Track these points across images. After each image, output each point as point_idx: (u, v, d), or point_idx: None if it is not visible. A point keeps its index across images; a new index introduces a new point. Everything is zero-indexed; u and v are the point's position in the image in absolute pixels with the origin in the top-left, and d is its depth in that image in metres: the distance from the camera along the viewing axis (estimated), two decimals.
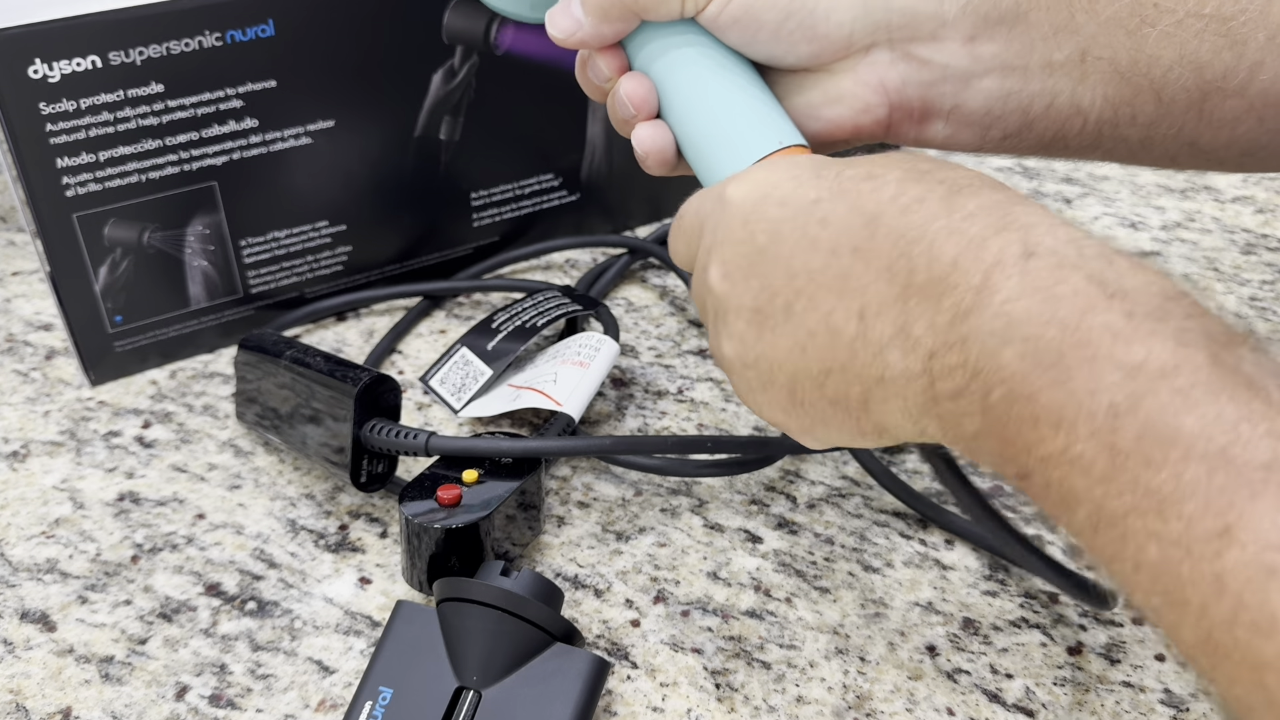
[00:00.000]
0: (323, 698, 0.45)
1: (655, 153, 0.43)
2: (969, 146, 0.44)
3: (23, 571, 0.51)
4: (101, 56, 0.53)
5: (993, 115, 0.42)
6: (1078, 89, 0.42)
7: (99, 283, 0.58)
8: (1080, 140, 0.43)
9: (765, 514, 0.53)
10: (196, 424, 0.59)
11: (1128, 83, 0.41)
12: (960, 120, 0.43)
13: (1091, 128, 0.43)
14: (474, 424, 0.59)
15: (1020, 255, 0.30)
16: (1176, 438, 0.26)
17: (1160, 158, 0.45)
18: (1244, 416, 0.26)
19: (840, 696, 0.45)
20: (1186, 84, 0.41)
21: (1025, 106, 0.42)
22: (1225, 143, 0.43)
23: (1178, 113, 0.42)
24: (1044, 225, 0.31)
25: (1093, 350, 0.28)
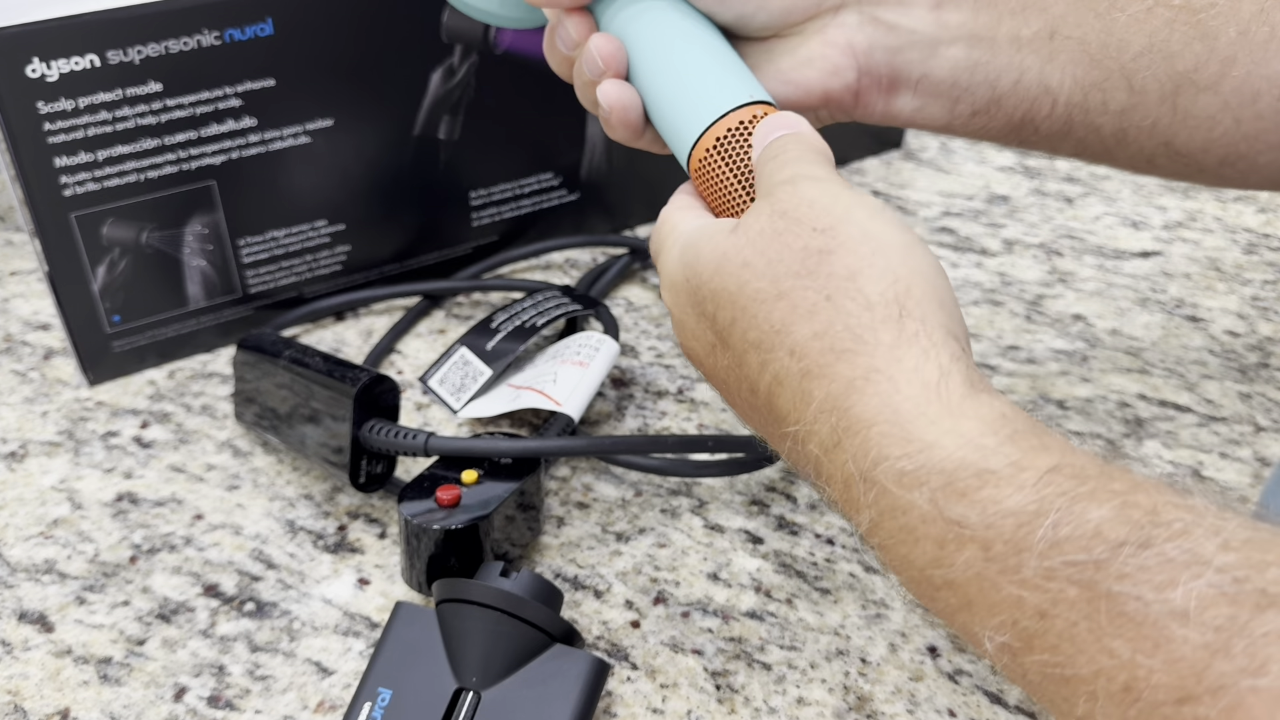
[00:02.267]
0: (321, 699, 0.45)
1: (619, 110, 0.41)
2: (938, 121, 0.43)
3: (21, 572, 0.50)
4: (100, 55, 0.53)
5: (960, 86, 0.42)
6: (1046, 67, 0.41)
7: (97, 282, 0.58)
8: (1050, 124, 0.43)
9: (766, 515, 0.53)
10: (195, 424, 0.59)
11: (1097, 65, 0.41)
12: (928, 91, 0.42)
13: (1061, 110, 0.42)
14: (473, 424, 0.59)
15: (861, 469, 0.30)
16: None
17: (1136, 156, 0.44)
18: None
19: (841, 698, 0.45)
20: (1158, 73, 0.41)
21: (993, 80, 0.42)
22: (1202, 145, 0.43)
23: (1150, 104, 0.42)
24: (881, 423, 0.30)
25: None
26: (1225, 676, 0.23)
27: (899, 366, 0.29)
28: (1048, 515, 0.26)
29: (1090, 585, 0.25)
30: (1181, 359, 0.63)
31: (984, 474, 0.27)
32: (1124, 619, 0.24)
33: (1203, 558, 0.24)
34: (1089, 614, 0.25)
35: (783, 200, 0.33)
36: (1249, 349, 0.64)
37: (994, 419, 0.28)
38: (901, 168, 0.82)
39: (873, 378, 0.29)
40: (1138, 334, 0.65)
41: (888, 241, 0.32)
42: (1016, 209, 0.77)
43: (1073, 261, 0.71)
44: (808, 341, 0.31)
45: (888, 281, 0.31)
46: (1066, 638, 0.25)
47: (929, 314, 0.30)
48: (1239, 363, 0.63)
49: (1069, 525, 0.26)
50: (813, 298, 0.31)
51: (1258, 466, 0.56)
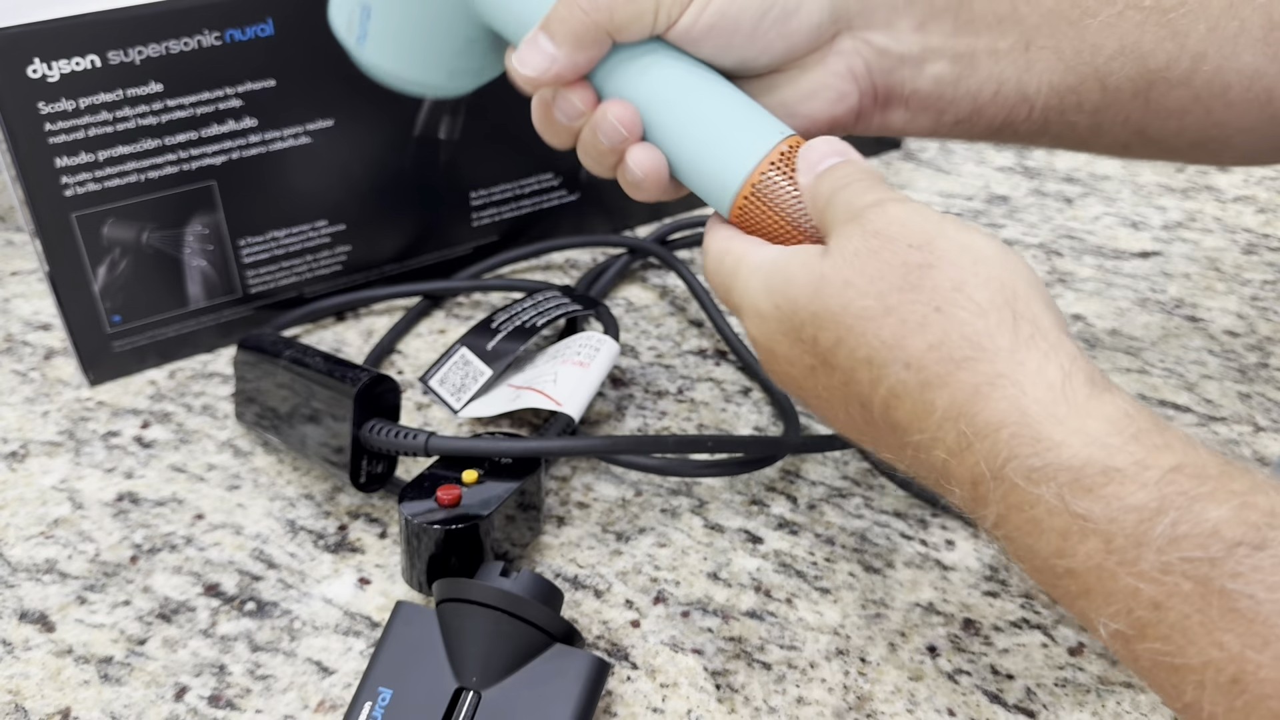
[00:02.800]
0: (322, 698, 0.45)
1: (653, 173, 0.41)
2: (925, 131, 0.45)
3: (21, 572, 0.50)
4: (100, 56, 0.53)
5: (945, 100, 0.43)
6: (1023, 76, 0.43)
7: (98, 282, 0.58)
8: (1028, 126, 0.44)
9: (766, 514, 0.53)
10: (195, 424, 0.59)
11: (1072, 71, 0.42)
12: (917, 105, 0.44)
13: (1038, 114, 0.44)
14: (474, 424, 0.59)
15: (991, 470, 0.31)
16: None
17: (1111, 145, 0.46)
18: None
19: (841, 697, 0.45)
20: (1130, 73, 0.42)
21: (974, 92, 0.43)
22: (1175, 132, 0.44)
23: (1124, 101, 0.43)
24: (1008, 428, 0.30)
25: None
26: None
27: (1022, 370, 0.30)
28: (1168, 513, 0.27)
29: (1205, 581, 0.26)
30: (1181, 359, 0.63)
31: (1109, 471, 0.28)
32: (1235, 615, 0.26)
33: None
34: (1202, 608, 0.26)
35: (873, 220, 0.33)
36: (1248, 349, 0.64)
37: (1119, 417, 0.29)
38: (901, 168, 0.82)
39: (998, 383, 0.30)
40: (1137, 334, 0.65)
41: (985, 250, 0.32)
42: (1016, 209, 0.77)
43: (1072, 262, 0.71)
44: (924, 353, 0.31)
45: (994, 288, 0.31)
46: (1179, 629, 0.27)
47: (1039, 315, 0.31)
48: (1238, 363, 0.63)
49: (1188, 523, 0.27)
50: (922, 310, 0.31)
51: (1257, 466, 0.56)
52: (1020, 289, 0.31)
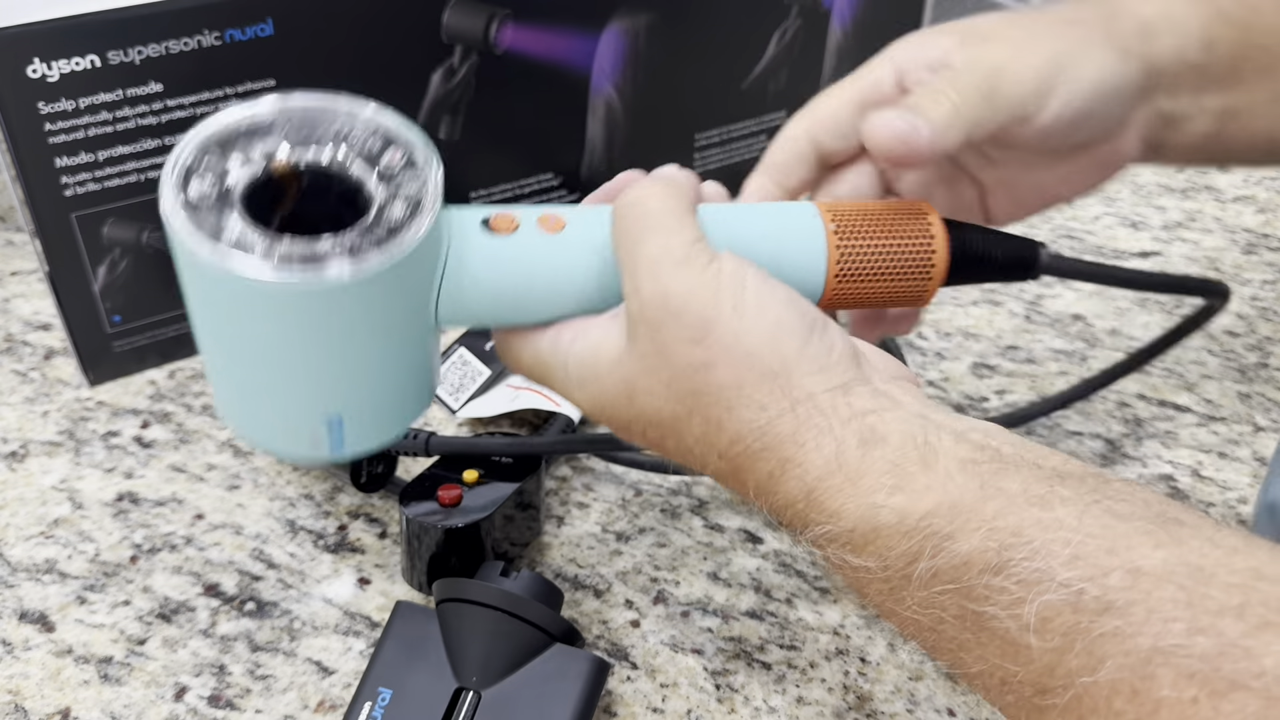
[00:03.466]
0: (322, 698, 0.45)
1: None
2: (1153, 163, 0.48)
3: (21, 572, 0.50)
4: (100, 56, 0.53)
5: (1201, 150, 0.46)
6: (1274, 125, 0.45)
7: (98, 282, 0.58)
8: (1268, 160, 0.48)
9: (765, 514, 0.53)
10: (195, 424, 0.59)
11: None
12: (1174, 155, 0.47)
13: (1262, 148, 0.47)
14: (474, 424, 0.59)
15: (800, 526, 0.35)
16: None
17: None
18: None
19: (841, 697, 0.45)
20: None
21: (1227, 142, 0.46)
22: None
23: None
24: (797, 490, 0.34)
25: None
26: (1070, 673, 0.28)
27: (802, 450, 0.33)
28: (924, 556, 0.31)
29: (961, 609, 0.30)
30: (1181, 359, 0.63)
31: (876, 529, 0.32)
32: (988, 633, 0.30)
33: (1050, 574, 0.29)
34: (963, 629, 0.30)
35: (652, 312, 0.35)
36: (1248, 349, 0.64)
37: (885, 470, 0.32)
38: None
39: (786, 467, 0.34)
40: (1137, 334, 0.65)
41: (755, 339, 0.34)
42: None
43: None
44: (727, 448, 0.35)
45: (769, 383, 0.34)
46: (954, 646, 0.31)
47: (814, 389, 0.34)
48: (1238, 363, 0.63)
49: (942, 560, 0.31)
50: (717, 412, 0.35)
51: (1256, 466, 0.56)
52: (794, 373, 0.34)
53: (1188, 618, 0.26)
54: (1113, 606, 0.27)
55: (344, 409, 0.36)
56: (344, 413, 0.36)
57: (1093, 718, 0.27)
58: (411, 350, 0.37)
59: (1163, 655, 0.26)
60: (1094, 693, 0.27)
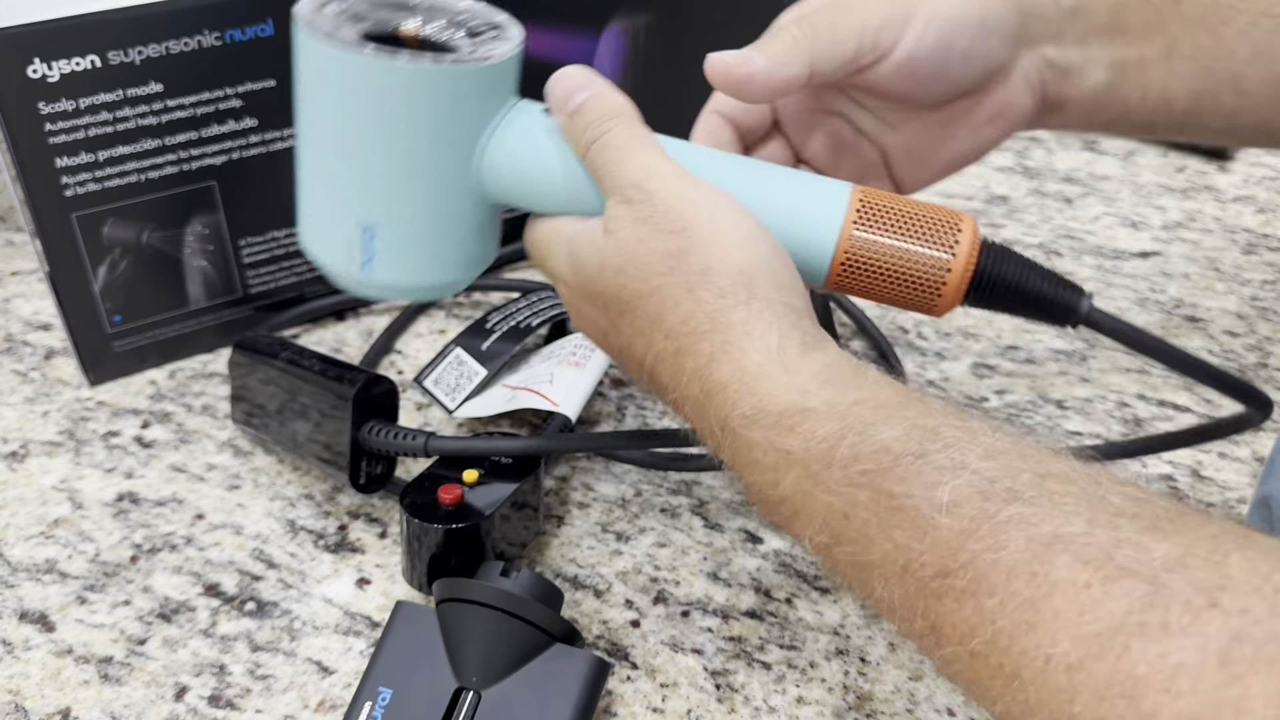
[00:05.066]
0: (322, 698, 0.45)
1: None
2: (1075, 129, 0.49)
3: (22, 572, 0.50)
4: (101, 56, 0.53)
5: (1098, 106, 0.47)
6: (1167, 82, 0.46)
7: (98, 282, 0.58)
8: (1168, 125, 0.48)
9: None
10: (195, 424, 0.59)
11: (1210, 75, 0.46)
12: (1074, 111, 0.47)
13: (1178, 117, 0.47)
14: (473, 424, 0.59)
15: (718, 426, 0.37)
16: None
17: (1242, 141, 0.52)
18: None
19: (841, 697, 0.45)
20: (1263, 76, 0.46)
21: (1124, 98, 0.46)
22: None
23: (1257, 103, 0.47)
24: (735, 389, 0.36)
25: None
26: (973, 554, 0.29)
27: (748, 339, 0.36)
28: (848, 437, 0.33)
29: (877, 489, 0.32)
30: None
31: (804, 411, 0.34)
32: (900, 514, 0.31)
33: (965, 464, 0.31)
34: (876, 512, 0.32)
35: (639, 207, 0.38)
36: (1248, 349, 0.64)
37: (820, 370, 0.35)
38: None
39: (727, 349, 0.36)
40: None
41: (731, 238, 0.37)
42: (1016, 209, 0.77)
43: (1072, 262, 0.71)
44: (676, 326, 0.37)
45: (734, 273, 0.36)
46: (862, 532, 0.32)
47: (771, 295, 0.36)
48: (1238, 363, 0.63)
49: (865, 444, 0.32)
50: (677, 292, 0.37)
51: (1256, 466, 0.56)
52: (758, 272, 0.37)
53: (1088, 515, 0.29)
54: (1020, 497, 0.29)
55: (380, 218, 0.40)
56: (379, 223, 0.40)
57: (989, 599, 0.29)
58: (453, 192, 0.41)
59: (1062, 543, 0.28)
60: (993, 574, 0.29)
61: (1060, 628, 0.27)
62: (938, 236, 0.39)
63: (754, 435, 0.35)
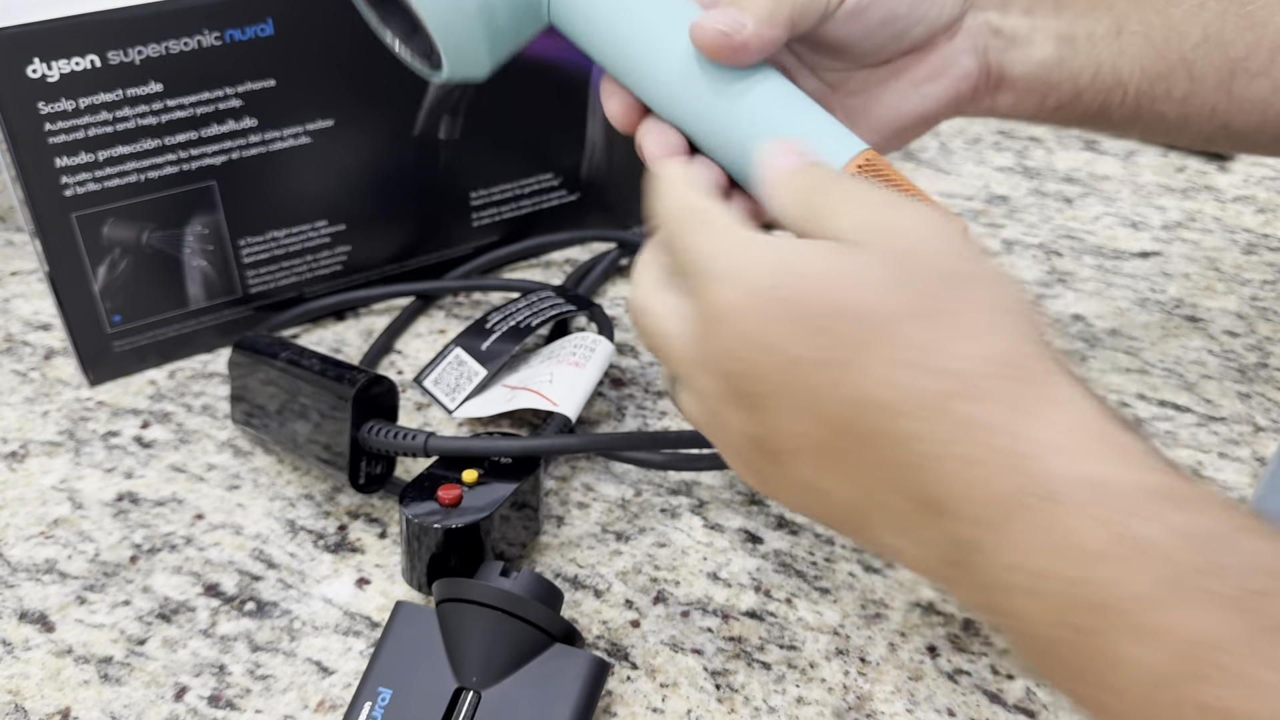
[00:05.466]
0: (322, 698, 0.45)
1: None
2: (1028, 114, 0.48)
3: (21, 572, 0.50)
4: (100, 56, 0.53)
5: (1049, 83, 0.46)
6: (1117, 61, 0.46)
7: (98, 282, 0.58)
8: (1122, 112, 0.47)
9: (765, 514, 0.53)
10: (195, 424, 0.59)
11: (1161, 58, 0.46)
12: (1024, 88, 0.46)
13: (1131, 100, 0.46)
14: (473, 424, 0.59)
15: (1030, 496, 0.29)
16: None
17: (1197, 137, 0.49)
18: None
19: (841, 697, 0.45)
20: (1214, 61, 0.45)
21: (1075, 74, 0.46)
22: (1258, 125, 0.48)
23: (1209, 90, 0.46)
24: (1064, 456, 0.29)
25: (1112, 620, 0.28)
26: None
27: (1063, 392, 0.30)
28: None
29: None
30: (1180, 359, 0.63)
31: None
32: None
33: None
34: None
35: (912, 229, 0.32)
36: (1248, 349, 0.64)
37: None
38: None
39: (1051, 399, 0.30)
40: (1137, 334, 0.65)
41: (1011, 288, 0.32)
42: (1016, 209, 0.77)
43: (1072, 262, 0.71)
44: (979, 361, 0.30)
45: (1036, 326, 0.31)
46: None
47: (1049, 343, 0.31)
48: (1238, 363, 0.63)
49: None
50: (980, 318, 0.31)
51: (1256, 466, 0.56)
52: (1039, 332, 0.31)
53: None
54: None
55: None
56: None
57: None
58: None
59: None
60: None
61: None
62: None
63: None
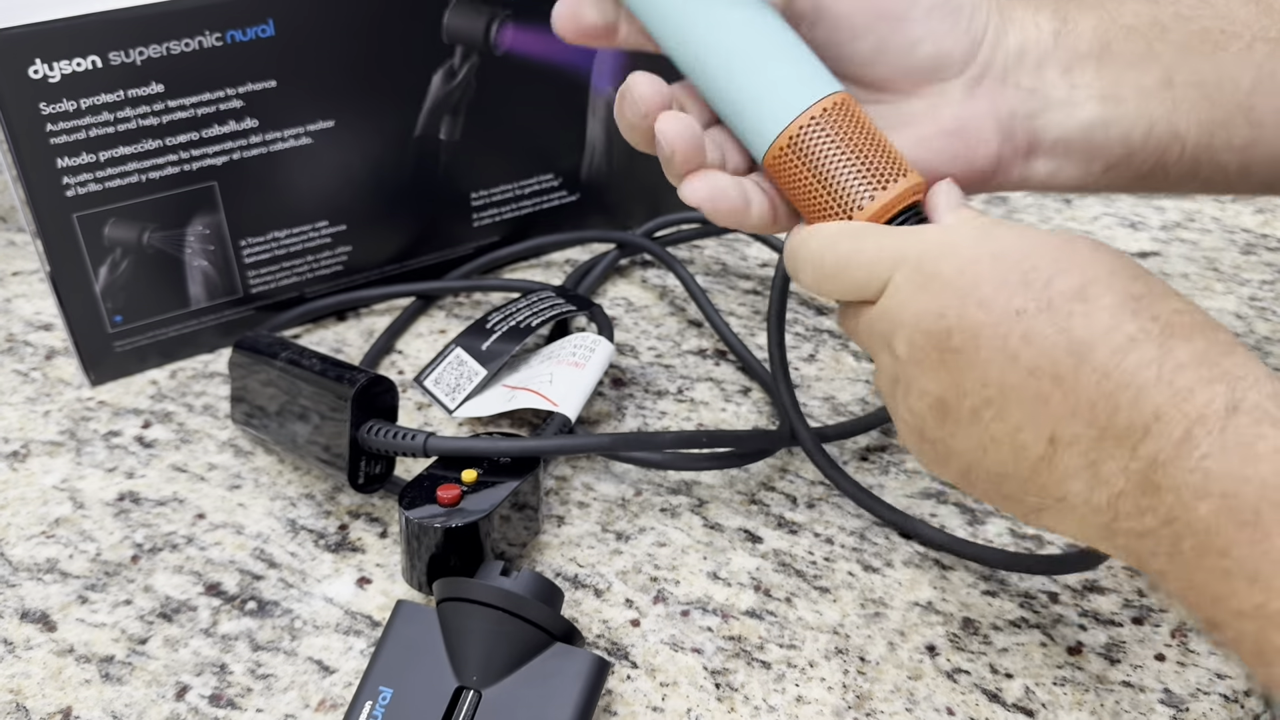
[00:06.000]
0: (323, 697, 0.45)
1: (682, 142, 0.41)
2: (1072, 182, 0.44)
3: (23, 571, 0.51)
4: (102, 57, 0.53)
5: (1094, 145, 0.43)
6: (1172, 115, 0.42)
7: (99, 283, 0.58)
8: (1179, 169, 0.44)
9: (765, 513, 0.53)
10: (196, 424, 0.59)
11: (1218, 106, 0.42)
12: (1063, 153, 0.43)
13: (1189, 154, 0.43)
14: (473, 424, 0.59)
15: (1224, 410, 0.31)
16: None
17: (1259, 185, 0.46)
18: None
19: (840, 696, 0.45)
20: (1273, 104, 0.42)
21: (1125, 134, 0.42)
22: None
23: (1270, 135, 0.43)
24: (1252, 378, 0.31)
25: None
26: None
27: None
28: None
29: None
30: None
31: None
32: None
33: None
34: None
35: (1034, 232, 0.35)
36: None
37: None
38: None
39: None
40: None
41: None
42: (1015, 210, 0.77)
43: None
44: (1172, 314, 0.33)
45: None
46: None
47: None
48: None
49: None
50: (1200, 343, 0.33)
51: None
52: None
53: None
54: None
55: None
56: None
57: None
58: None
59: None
60: None
61: None
62: (878, 170, 0.40)
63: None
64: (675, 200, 0.46)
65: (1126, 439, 0.32)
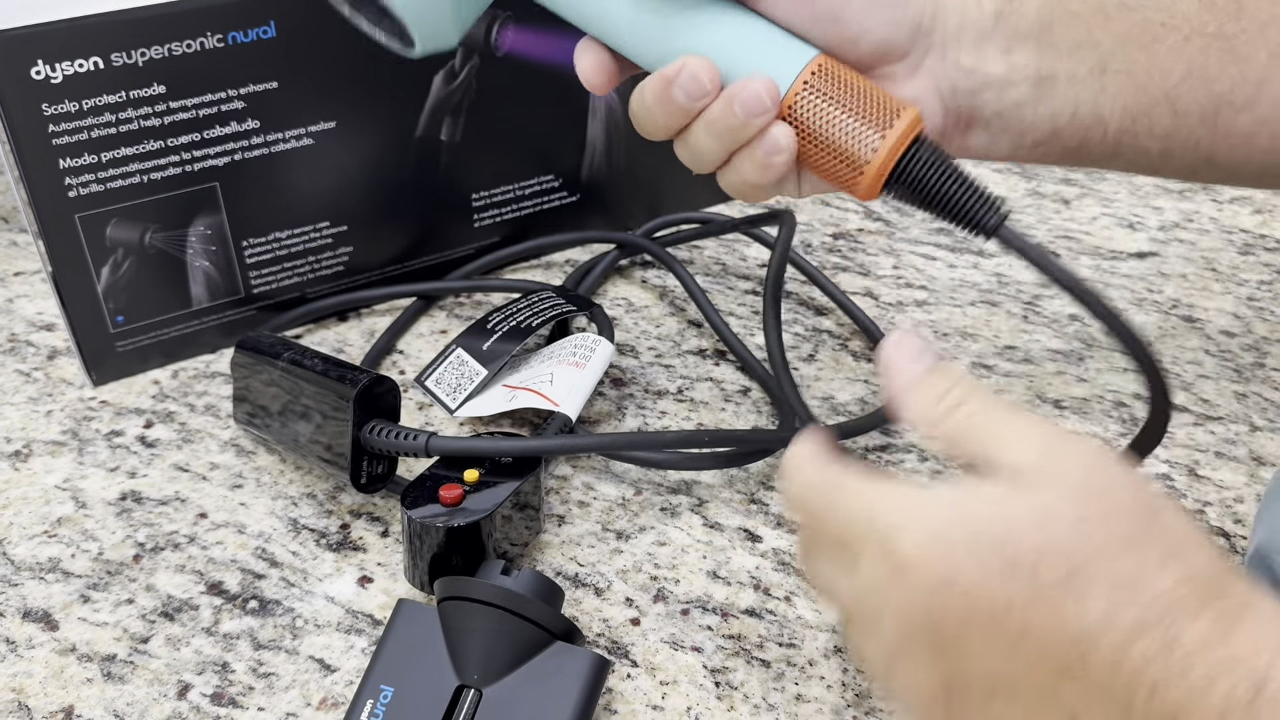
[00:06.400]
0: (324, 696, 0.45)
1: (790, 146, 0.42)
2: (1003, 154, 0.46)
3: (25, 571, 0.51)
4: (104, 58, 0.53)
5: (1025, 123, 0.45)
6: (1098, 99, 0.44)
7: (101, 283, 0.58)
8: (1102, 149, 0.46)
9: (765, 512, 0.54)
10: (198, 423, 0.59)
11: (1144, 94, 0.44)
12: (998, 128, 0.45)
13: (1112, 137, 0.45)
14: (474, 424, 0.59)
15: (1248, 696, 0.29)
16: None
17: (1180, 169, 0.47)
18: None
19: (840, 695, 0.45)
20: (1198, 97, 0.44)
21: (1053, 114, 0.44)
22: (1243, 158, 0.46)
23: (1192, 125, 0.45)
24: (1271, 650, 0.29)
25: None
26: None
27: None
28: None
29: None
30: (1178, 359, 0.64)
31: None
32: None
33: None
34: None
35: (1082, 464, 0.32)
36: (1245, 349, 0.64)
37: None
38: None
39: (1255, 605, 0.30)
40: None
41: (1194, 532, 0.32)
42: (1013, 210, 0.77)
43: (1069, 263, 0.72)
44: (1171, 589, 0.30)
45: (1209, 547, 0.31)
46: None
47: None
48: (1235, 363, 0.63)
49: None
50: (1178, 543, 0.31)
51: (1253, 466, 0.56)
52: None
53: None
54: None
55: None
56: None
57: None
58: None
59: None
60: None
61: None
62: (875, 116, 0.41)
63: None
64: (675, 201, 0.47)
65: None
